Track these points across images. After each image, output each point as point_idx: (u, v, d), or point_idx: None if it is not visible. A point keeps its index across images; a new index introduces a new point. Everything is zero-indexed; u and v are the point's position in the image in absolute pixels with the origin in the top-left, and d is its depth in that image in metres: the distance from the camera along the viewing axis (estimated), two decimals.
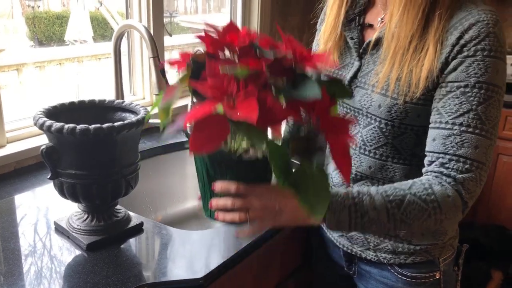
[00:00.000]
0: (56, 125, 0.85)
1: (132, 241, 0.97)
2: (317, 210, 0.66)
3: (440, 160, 0.81)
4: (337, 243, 1.06)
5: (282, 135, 0.69)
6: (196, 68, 0.67)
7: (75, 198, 0.92)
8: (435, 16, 0.82)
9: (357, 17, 0.98)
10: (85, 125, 0.85)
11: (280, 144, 0.68)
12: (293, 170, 0.66)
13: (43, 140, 1.26)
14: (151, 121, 1.49)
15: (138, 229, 1.00)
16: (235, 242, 0.98)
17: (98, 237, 0.93)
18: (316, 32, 1.13)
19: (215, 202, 0.76)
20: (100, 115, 1.02)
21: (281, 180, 0.66)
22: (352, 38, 0.97)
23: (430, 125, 0.85)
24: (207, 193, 0.78)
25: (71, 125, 0.84)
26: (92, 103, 1.02)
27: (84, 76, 3.40)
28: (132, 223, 1.00)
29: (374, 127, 0.92)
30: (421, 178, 0.82)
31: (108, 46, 1.39)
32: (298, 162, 0.68)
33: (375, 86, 0.90)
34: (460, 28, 0.81)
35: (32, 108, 1.01)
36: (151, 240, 1.00)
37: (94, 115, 1.02)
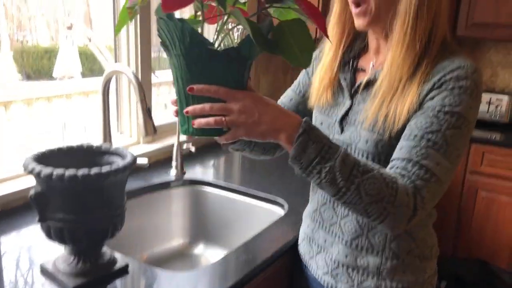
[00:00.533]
0: (45, 171, 0.88)
1: (118, 282, 0.99)
2: (303, 60, 0.70)
3: (404, 164, 0.85)
4: (321, 282, 1.09)
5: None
6: None
7: (62, 241, 0.94)
8: (424, 62, 0.90)
9: (351, 61, 1.05)
10: (74, 171, 0.88)
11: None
12: (272, 31, 0.70)
13: (30, 181, 1.29)
14: (138, 161, 1.53)
15: (123, 271, 1.02)
16: (220, 283, 1.01)
17: (84, 279, 0.95)
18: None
19: (192, 107, 0.77)
20: (88, 159, 1.06)
21: (262, 45, 0.69)
22: (345, 79, 1.03)
23: (401, 139, 0.89)
24: (184, 105, 0.79)
25: (60, 172, 0.88)
26: (80, 148, 1.06)
27: (73, 113, 3.43)
28: (118, 265, 1.02)
29: None
30: (389, 170, 0.86)
31: (96, 82, 1.43)
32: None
33: (363, 123, 0.96)
34: (443, 72, 0.88)
35: (21, 146, 1.04)
36: (137, 282, 1.02)
37: (82, 160, 1.05)
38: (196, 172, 1.72)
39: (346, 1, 0.98)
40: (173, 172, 1.65)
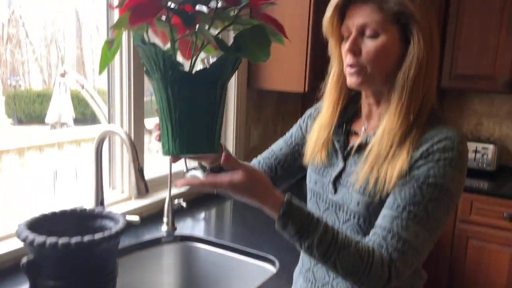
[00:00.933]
0: (38, 240, 0.89)
1: None
2: (261, 56, 0.77)
3: (384, 233, 0.89)
4: None
5: None
6: None
7: None
8: (414, 130, 0.94)
9: (345, 124, 1.09)
10: (67, 239, 0.89)
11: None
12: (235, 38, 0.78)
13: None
14: (128, 218, 1.54)
15: None
16: None
17: None
18: (300, 120, 1.23)
19: (185, 181, 0.85)
20: (81, 223, 1.07)
21: (229, 52, 0.77)
22: (338, 142, 1.07)
23: (384, 205, 0.93)
24: (166, 127, 0.82)
25: (53, 240, 0.89)
26: (73, 212, 1.07)
27: (64, 161, 3.44)
28: None
29: (352, 223, 1.00)
30: (367, 241, 0.91)
31: (88, 130, 1.45)
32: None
33: (355, 185, 0.99)
34: (431, 141, 0.92)
35: (12, 199, 1.05)
36: None
37: (76, 223, 1.06)
38: (187, 227, 1.72)
39: (343, 66, 1.03)
40: (164, 228, 1.65)
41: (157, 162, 2.04)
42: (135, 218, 1.54)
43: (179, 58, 0.83)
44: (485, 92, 2.83)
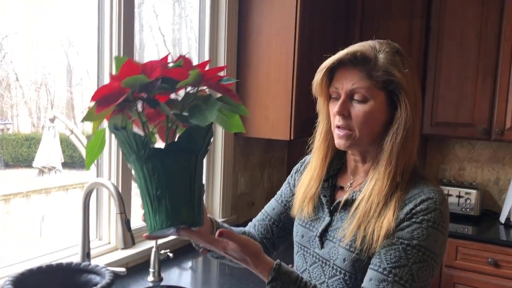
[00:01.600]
0: None
1: None
2: (209, 117, 0.82)
3: None
4: None
5: None
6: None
7: None
8: (398, 188, 0.98)
9: (330, 179, 1.13)
10: None
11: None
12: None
13: None
14: (113, 269, 1.54)
15: None
16: None
17: None
18: (289, 177, 1.27)
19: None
20: (67, 278, 1.08)
21: (184, 120, 0.83)
22: (325, 196, 1.11)
23: (370, 266, 0.96)
24: (148, 206, 0.84)
25: None
26: (59, 266, 1.08)
27: (51, 209, 3.41)
28: None
29: (338, 278, 1.02)
30: None
31: (76, 175, 1.47)
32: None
33: (341, 241, 1.02)
34: (414, 202, 0.96)
35: None
36: None
37: (61, 278, 1.07)
38: (173, 277, 1.72)
39: (329, 124, 1.08)
40: (150, 279, 1.65)
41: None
42: (121, 269, 1.55)
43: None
44: (465, 138, 2.91)
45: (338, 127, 1.02)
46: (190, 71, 0.82)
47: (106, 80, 1.70)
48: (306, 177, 1.15)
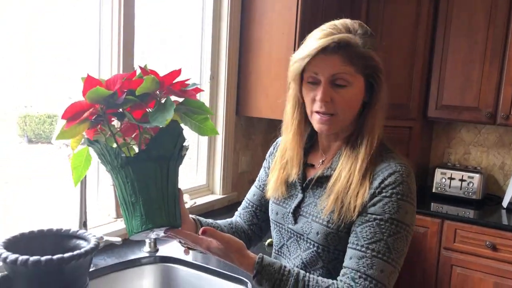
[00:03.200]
0: (11, 257, 0.97)
1: None
2: (166, 116, 0.85)
3: (352, 275, 0.97)
4: None
5: None
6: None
7: None
8: (370, 164, 1.03)
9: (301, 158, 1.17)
10: (37, 257, 0.98)
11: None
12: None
13: None
14: (109, 238, 1.62)
15: None
16: None
17: None
18: (264, 162, 1.31)
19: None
20: (57, 242, 1.15)
21: (146, 123, 0.87)
22: (297, 174, 1.14)
23: (348, 245, 1.02)
24: (126, 211, 0.92)
25: (24, 257, 0.97)
26: (49, 231, 1.16)
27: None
28: None
29: (312, 251, 1.08)
30: (337, 282, 0.98)
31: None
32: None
33: (315, 217, 1.07)
34: (382, 176, 1.01)
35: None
36: None
37: (52, 243, 1.14)
38: (168, 248, 1.79)
39: (303, 108, 1.10)
40: (146, 249, 1.73)
41: None
42: (117, 239, 1.63)
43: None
44: (470, 122, 2.89)
45: (321, 113, 1.04)
46: (145, 76, 0.87)
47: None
48: (280, 159, 1.18)
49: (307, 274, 1.00)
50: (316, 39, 1.01)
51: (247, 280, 1.52)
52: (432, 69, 2.77)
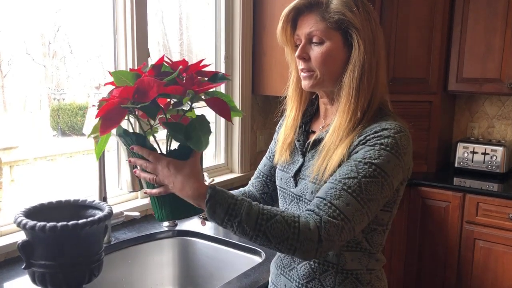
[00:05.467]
0: (30, 223, 1.04)
1: None
2: (204, 144, 0.88)
3: (318, 202, 0.97)
4: None
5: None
6: None
7: (44, 285, 1.09)
8: (360, 124, 1.04)
9: (304, 125, 1.20)
10: (54, 223, 1.04)
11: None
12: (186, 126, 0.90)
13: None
14: (128, 213, 1.69)
15: None
16: None
17: None
18: (275, 134, 1.35)
19: (134, 159, 0.95)
20: (74, 212, 1.22)
21: (179, 139, 0.90)
22: (298, 141, 1.18)
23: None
24: (154, 199, 0.97)
25: (42, 223, 1.04)
26: (67, 202, 1.22)
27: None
28: None
29: None
30: (295, 212, 0.99)
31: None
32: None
33: (310, 177, 1.10)
34: (369, 131, 1.02)
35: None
36: None
37: (69, 212, 1.21)
38: (187, 223, 1.85)
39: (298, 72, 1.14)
40: (165, 224, 1.79)
41: None
42: (136, 213, 1.69)
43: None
44: (492, 94, 2.83)
45: (301, 70, 1.09)
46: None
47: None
48: (283, 126, 1.22)
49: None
50: (294, 1, 1.08)
51: (260, 250, 1.56)
52: (451, 41, 2.72)
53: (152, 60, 1.93)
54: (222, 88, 2.35)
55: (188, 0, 2.29)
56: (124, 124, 1.01)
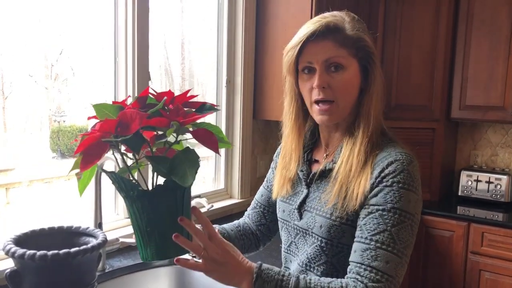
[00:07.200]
0: (19, 251, 0.99)
1: None
2: (190, 179, 0.83)
3: (357, 268, 0.94)
4: None
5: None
6: None
7: None
8: (370, 157, 1.01)
9: (305, 154, 1.16)
10: (44, 251, 0.99)
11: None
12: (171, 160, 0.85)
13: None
14: (124, 240, 1.63)
15: None
16: None
17: None
18: (272, 163, 1.31)
19: (183, 239, 0.88)
20: (67, 239, 1.17)
21: (163, 175, 0.85)
22: (302, 171, 1.14)
23: (354, 239, 0.98)
24: (139, 237, 0.91)
25: (32, 252, 0.99)
26: (60, 228, 1.17)
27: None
28: None
29: (316, 245, 1.06)
30: (343, 280, 0.94)
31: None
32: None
33: (319, 210, 1.05)
34: (382, 165, 0.98)
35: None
36: None
37: (62, 240, 1.16)
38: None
39: (301, 100, 1.10)
40: None
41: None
42: (132, 240, 1.64)
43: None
44: (495, 122, 2.80)
45: (318, 101, 1.03)
46: (172, 121, 0.85)
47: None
48: (283, 159, 1.17)
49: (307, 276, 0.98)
50: (305, 27, 1.02)
51: None
52: (454, 68, 2.71)
53: (153, 84, 1.91)
54: (223, 112, 2.33)
55: (190, 24, 2.28)
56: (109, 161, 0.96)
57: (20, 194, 3.21)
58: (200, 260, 0.92)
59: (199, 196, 2.24)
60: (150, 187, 0.89)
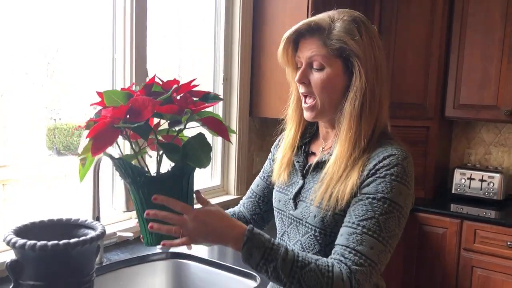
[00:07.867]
0: (20, 242, 1.01)
1: None
2: (205, 161, 0.87)
3: (342, 250, 0.97)
4: None
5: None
6: None
7: None
8: (365, 152, 1.03)
9: (303, 146, 1.19)
10: (44, 242, 1.01)
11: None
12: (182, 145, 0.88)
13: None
14: (122, 234, 1.66)
15: None
16: None
17: None
18: (270, 154, 1.33)
19: (154, 211, 0.90)
20: (66, 231, 1.19)
21: (176, 161, 0.87)
22: (298, 162, 1.17)
23: (342, 224, 1.01)
24: (142, 222, 0.94)
25: (32, 242, 1.01)
26: (59, 221, 1.19)
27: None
28: None
29: (310, 235, 1.08)
30: (327, 260, 0.97)
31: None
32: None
33: (313, 200, 1.08)
34: (377, 159, 1.01)
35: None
36: None
37: (61, 232, 1.18)
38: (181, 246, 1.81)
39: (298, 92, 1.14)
40: (159, 246, 1.75)
41: None
42: (129, 234, 1.66)
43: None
44: (488, 121, 2.84)
45: (305, 96, 1.08)
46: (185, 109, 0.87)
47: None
48: (282, 146, 1.21)
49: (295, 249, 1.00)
50: (295, 25, 1.08)
51: (255, 275, 1.53)
52: (448, 67, 2.74)
53: None
54: (220, 109, 2.35)
55: (187, 22, 2.30)
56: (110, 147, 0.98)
57: (17, 191, 3.22)
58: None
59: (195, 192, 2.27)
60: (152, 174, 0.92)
